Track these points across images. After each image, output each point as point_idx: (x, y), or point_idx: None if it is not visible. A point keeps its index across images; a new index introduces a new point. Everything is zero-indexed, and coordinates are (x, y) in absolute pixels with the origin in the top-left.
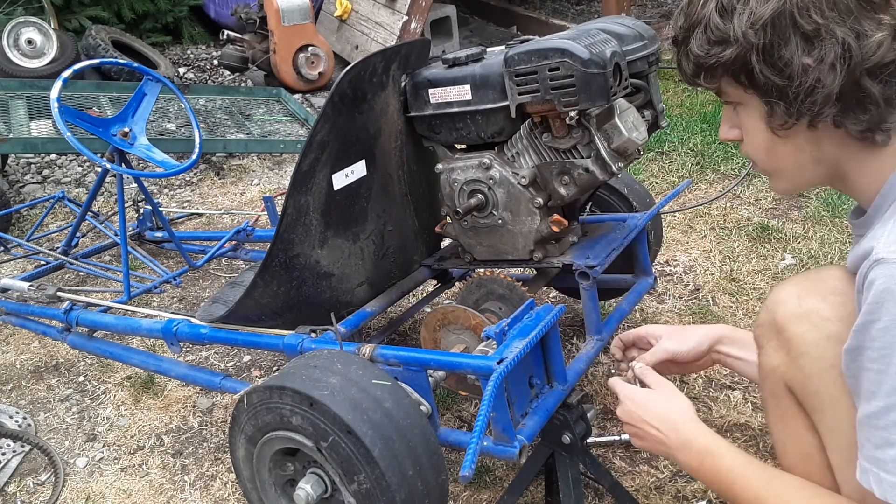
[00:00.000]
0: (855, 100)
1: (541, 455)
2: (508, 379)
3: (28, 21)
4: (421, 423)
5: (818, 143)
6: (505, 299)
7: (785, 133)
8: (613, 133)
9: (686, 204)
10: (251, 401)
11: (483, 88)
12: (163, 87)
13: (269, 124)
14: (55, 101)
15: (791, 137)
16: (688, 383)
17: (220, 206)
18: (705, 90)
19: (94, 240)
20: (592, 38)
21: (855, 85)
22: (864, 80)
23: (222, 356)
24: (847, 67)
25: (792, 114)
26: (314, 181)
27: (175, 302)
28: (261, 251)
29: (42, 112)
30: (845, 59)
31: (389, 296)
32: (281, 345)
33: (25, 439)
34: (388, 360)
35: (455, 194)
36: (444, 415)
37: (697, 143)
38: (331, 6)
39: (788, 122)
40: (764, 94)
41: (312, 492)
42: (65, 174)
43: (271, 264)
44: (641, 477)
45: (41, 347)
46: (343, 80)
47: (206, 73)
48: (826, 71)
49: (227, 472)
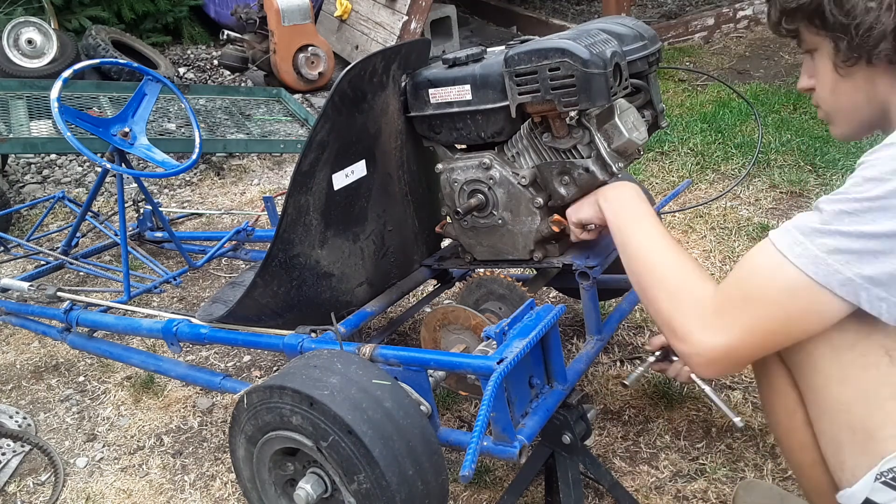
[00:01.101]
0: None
1: (541, 455)
2: (508, 379)
3: (28, 21)
4: (421, 422)
5: (873, 82)
6: (505, 299)
7: (846, 71)
8: (614, 133)
9: (686, 204)
10: (251, 401)
11: (483, 88)
12: (163, 87)
13: (269, 124)
14: (55, 101)
15: (851, 76)
16: (688, 384)
17: (220, 206)
18: (784, 36)
19: (94, 240)
20: (593, 38)
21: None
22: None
23: (222, 356)
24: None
25: (853, 48)
26: (314, 181)
27: (175, 302)
28: (261, 251)
29: (42, 112)
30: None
31: (389, 296)
32: (281, 345)
33: (25, 439)
34: (389, 359)
35: (455, 194)
36: (444, 415)
37: (697, 143)
38: (331, 6)
39: (851, 59)
40: (832, 31)
41: (312, 491)
42: (65, 174)
43: (271, 264)
44: (641, 477)
45: (41, 347)
46: (343, 80)
47: (206, 73)
48: (884, 11)
49: (227, 472)
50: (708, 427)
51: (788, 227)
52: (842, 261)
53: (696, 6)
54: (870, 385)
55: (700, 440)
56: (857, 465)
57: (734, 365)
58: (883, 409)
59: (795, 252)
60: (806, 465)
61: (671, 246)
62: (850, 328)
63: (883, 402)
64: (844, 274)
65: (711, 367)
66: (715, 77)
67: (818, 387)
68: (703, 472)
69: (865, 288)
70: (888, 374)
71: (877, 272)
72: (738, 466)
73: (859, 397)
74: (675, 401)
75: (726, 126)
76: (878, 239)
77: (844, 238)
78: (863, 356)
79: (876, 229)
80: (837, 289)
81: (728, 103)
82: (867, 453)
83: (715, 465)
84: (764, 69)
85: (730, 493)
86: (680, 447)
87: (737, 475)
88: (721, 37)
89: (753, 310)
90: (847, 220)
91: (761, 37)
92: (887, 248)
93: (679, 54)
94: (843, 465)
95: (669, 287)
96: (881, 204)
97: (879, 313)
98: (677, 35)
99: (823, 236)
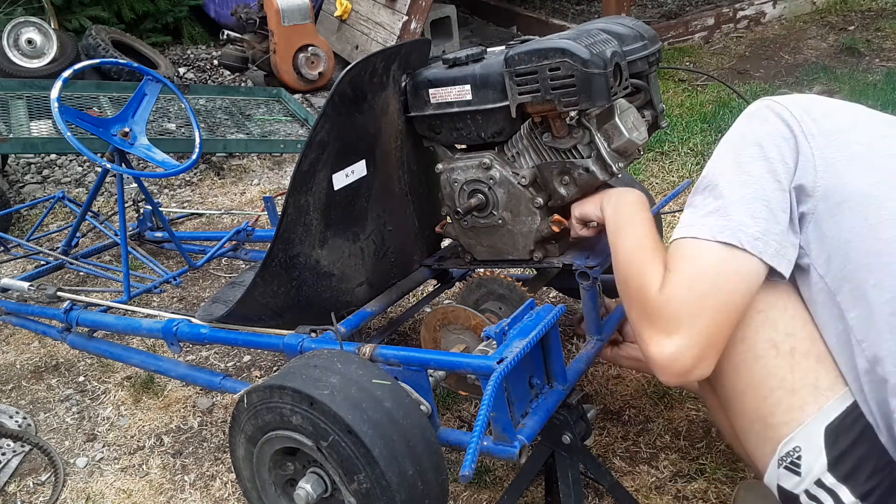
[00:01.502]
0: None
1: (541, 455)
2: (508, 379)
3: (28, 21)
4: (421, 422)
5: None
6: (505, 299)
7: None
8: (614, 133)
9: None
10: (251, 400)
11: (483, 88)
12: (163, 87)
13: (269, 124)
14: (55, 100)
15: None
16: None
17: (220, 206)
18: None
19: (94, 240)
20: (593, 38)
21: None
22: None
23: (222, 356)
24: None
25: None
26: (314, 181)
27: (175, 302)
28: (261, 251)
29: (42, 112)
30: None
31: (389, 296)
32: (281, 345)
33: (25, 439)
34: (389, 359)
35: (455, 194)
36: (444, 415)
37: (697, 143)
38: (331, 6)
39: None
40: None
41: (312, 491)
42: (65, 174)
43: (271, 264)
44: (641, 477)
45: (41, 347)
46: (343, 80)
47: (206, 73)
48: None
49: (227, 472)
50: (708, 427)
51: (685, 223)
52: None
53: (696, 6)
54: (757, 376)
55: (700, 440)
56: (762, 453)
57: (696, 363)
58: (772, 397)
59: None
60: (745, 459)
61: (649, 251)
62: (741, 324)
63: (771, 391)
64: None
65: (673, 370)
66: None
67: (721, 381)
68: (703, 472)
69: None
70: (775, 367)
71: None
72: (738, 466)
73: (750, 387)
74: (675, 401)
75: (726, 126)
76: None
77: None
78: (751, 348)
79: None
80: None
81: (728, 103)
82: (767, 440)
83: (715, 465)
84: (764, 69)
85: (730, 493)
86: (680, 447)
87: (737, 475)
88: (721, 37)
89: (695, 301)
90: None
91: (761, 37)
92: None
93: (679, 54)
94: (754, 455)
95: (633, 294)
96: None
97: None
98: (677, 35)
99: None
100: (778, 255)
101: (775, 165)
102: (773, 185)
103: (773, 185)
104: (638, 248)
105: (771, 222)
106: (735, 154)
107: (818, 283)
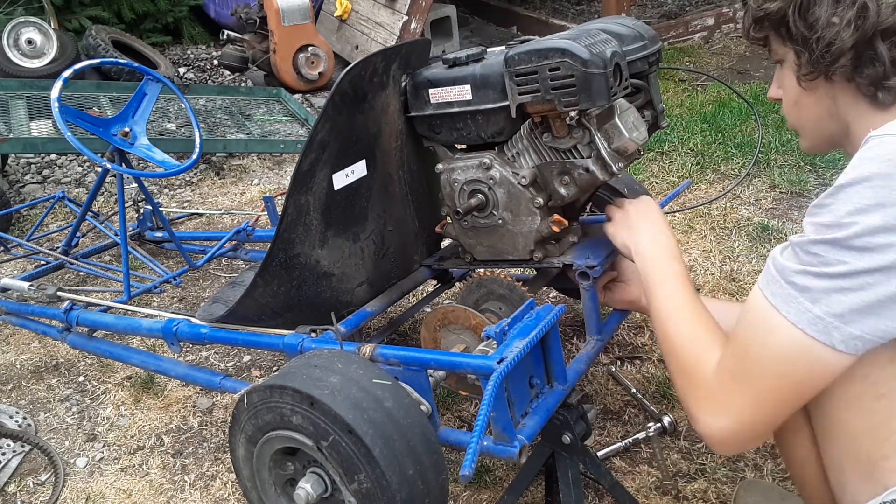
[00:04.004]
0: (865, 56)
1: (541, 455)
2: (508, 379)
3: (28, 21)
4: (421, 422)
5: (835, 98)
6: (505, 299)
7: (809, 85)
8: (614, 133)
9: (686, 204)
10: (251, 400)
11: (483, 88)
12: (163, 87)
13: (269, 124)
14: (55, 100)
15: (814, 90)
16: None
17: (220, 206)
18: (755, 44)
19: (94, 240)
20: (593, 38)
21: (867, 43)
22: (876, 41)
23: (222, 356)
24: (862, 27)
25: (813, 62)
26: (314, 181)
27: (175, 302)
28: (261, 251)
29: (42, 112)
30: (861, 20)
31: (389, 296)
32: (281, 344)
33: (25, 439)
34: (389, 359)
35: (455, 194)
36: (444, 415)
37: (697, 143)
38: (331, 6)
39: (811, 73)
40: (794, 44)
41: (312, 491)
42: (65, 174)
43: (271, 264)
44: (641, 477)
45: (41, 347)
46: (343, 80)
47: (206, 73)
48: (844, 27)
49: (227, 472)
50: None
51: (772, 274)
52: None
53: (696, 6)
54: (879, 416)
55: (700, 440)
56: (859, 491)
57: (750, 441)
58: (889, 441)
59: (789, 310)
60: (808, 479)
61: (689, 311)
62: (864, 357)
63: (890, 434)
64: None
65: (725, 448)
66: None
67: (827, 411)
68: (703, 472)
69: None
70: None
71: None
72: (738, 466)
73: (867, 427)
74: (676, 401)
75: (726, 126)
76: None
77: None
78: (874, 386)
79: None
80: (838, 345)
81: (728, 103)
82: (870, 482)
83: (715, 465)
84: (764, 69)
85: (730, 493)
86: (680, 447)
87: (737, 475)
88: (721, 37)
89: (756, 383)
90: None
91: None
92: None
93: (679, 54)
94: (845, 488)
95: (680, 363)
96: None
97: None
98: (677, 35)
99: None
100: None
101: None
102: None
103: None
104: (675, 315)
105: None
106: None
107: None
